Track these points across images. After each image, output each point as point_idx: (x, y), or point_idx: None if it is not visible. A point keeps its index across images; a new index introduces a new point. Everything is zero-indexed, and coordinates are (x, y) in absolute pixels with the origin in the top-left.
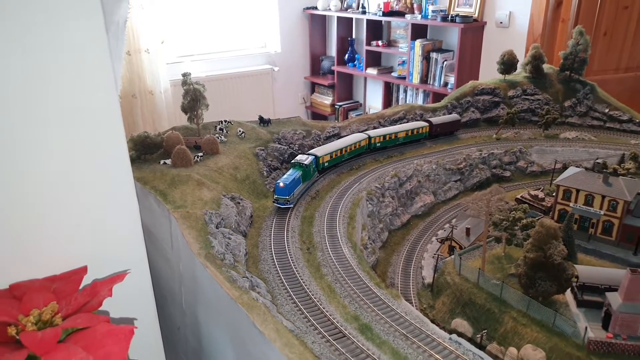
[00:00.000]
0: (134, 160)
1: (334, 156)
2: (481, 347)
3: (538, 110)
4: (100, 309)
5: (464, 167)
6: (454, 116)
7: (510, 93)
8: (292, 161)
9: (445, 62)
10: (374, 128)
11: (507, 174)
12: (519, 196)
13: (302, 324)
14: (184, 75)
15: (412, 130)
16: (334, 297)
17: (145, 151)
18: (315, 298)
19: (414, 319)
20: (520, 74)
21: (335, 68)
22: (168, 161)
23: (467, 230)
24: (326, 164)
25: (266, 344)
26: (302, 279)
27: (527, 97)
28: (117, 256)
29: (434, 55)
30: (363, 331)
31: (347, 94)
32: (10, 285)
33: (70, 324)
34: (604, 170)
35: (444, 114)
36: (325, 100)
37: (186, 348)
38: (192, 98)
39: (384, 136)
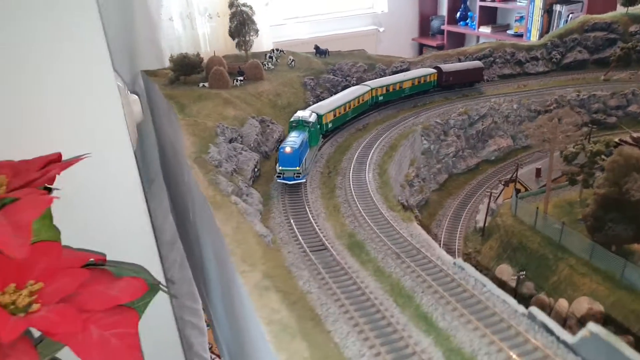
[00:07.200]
0: (172, 82)
1: (337, 114)
2: (516, 292)
3: None
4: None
5: (553, 110)
6: (475, 63)
7: (632, 29)
8: (291, 120)
9: (570, 16)
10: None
11: (612, 119)
12: (617, 139)
13: (285, 235)
14: None
15: (417, 79)
16: (335, 215)
17: (184, 71)
18: (312, 214)
19: (418, 242)
20: None
21: (446, 27)
22: (207, 84)
23: (537, 170)
24: (330, 125)
25: (220, 237)
26: (306, 197)
27: None
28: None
29: (557, 7)
30: (351, 247)
31: None
32: None
33: (10, 195)
34: None
35: (540, 54)
36: None
37: (195, 267)
38: (240, 21)
39: (387, 87)
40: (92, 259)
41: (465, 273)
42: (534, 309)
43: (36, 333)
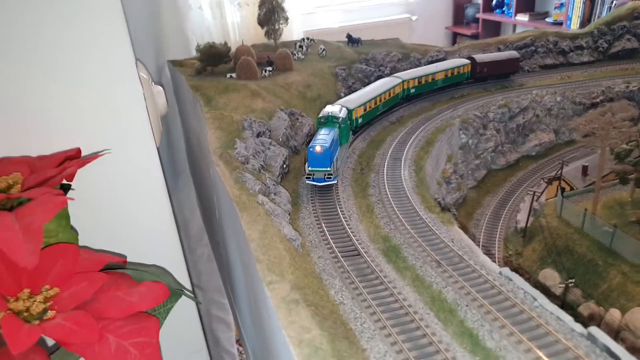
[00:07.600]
0: (199, 72)
1: (368, 108)
2: (564, 301)
3: None
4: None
5: (600, 102)
6: (511, 53)
7: None
8: (320, 116)
9: (614, 2)
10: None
11: None
12: None
13: (315, 238)
14: None
15: (451, 70)
16: (369, 217)
17: (210, 62)
18: (345, 215)
19: (459, 248)
20: None
21: (481, 15)
22: (235, 75)
23: (584, 168)
24: (360, 120)
25: (245, 241)
26: (337, 195)
27: None
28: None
29: None
30: (387, 253)
31: None
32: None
33: (24, 194)
34: None
35: (586, 43)
36: None
37: (221, 263)
38: (269, 9)
39: (419, 79)
40: (111, 262)
41: (513, 284)
42: (595, 329)
43: (50, 341)
